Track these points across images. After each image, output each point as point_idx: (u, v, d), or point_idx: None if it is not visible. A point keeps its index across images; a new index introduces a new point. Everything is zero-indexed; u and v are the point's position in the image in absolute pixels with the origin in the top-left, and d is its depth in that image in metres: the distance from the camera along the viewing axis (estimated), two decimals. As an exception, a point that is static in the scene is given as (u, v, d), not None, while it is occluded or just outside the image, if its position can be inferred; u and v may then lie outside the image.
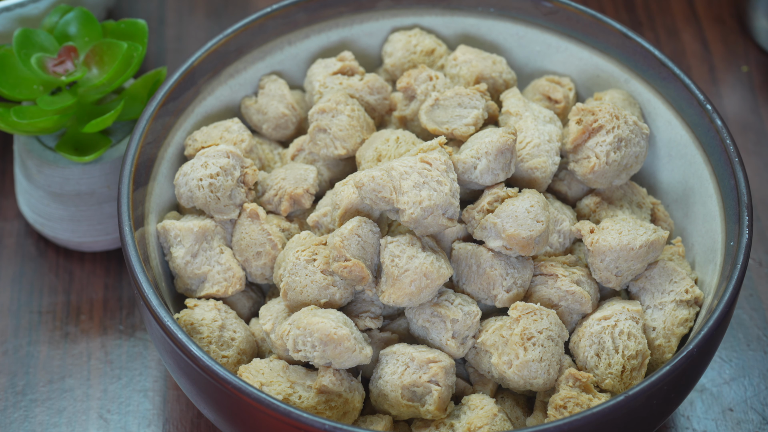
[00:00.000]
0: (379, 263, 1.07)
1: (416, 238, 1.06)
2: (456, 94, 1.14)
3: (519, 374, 1.04)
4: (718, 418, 1.20)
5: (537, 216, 1.06)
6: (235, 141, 1.17)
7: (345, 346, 1.03)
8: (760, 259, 1.31)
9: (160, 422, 1.20)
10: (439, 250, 1.07)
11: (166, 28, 1.49)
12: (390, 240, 1.06)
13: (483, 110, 1.13)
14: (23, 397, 1.22)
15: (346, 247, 1.05)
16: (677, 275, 1.11)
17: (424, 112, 1.14)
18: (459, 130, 1.12)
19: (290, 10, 1.23)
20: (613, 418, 0.99)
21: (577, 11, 1.22)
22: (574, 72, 1.24)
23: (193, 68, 1.19)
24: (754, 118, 1.42)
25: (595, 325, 1.08)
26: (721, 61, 1.47)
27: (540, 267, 1.10)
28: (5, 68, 1.23)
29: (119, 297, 1.28)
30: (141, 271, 1.06)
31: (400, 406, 1.06)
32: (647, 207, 1.18)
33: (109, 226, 1.28)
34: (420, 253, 1.05)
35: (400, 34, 1.25)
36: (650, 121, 1.21)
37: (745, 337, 1.25)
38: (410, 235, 1.06)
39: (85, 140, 1.24)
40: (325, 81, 1.20)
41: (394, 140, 1.13)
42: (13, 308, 1.27)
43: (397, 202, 1.05)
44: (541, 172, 1.13)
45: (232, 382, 0.99)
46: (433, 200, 1.04)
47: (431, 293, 1.05)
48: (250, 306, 1.15)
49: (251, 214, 1.13)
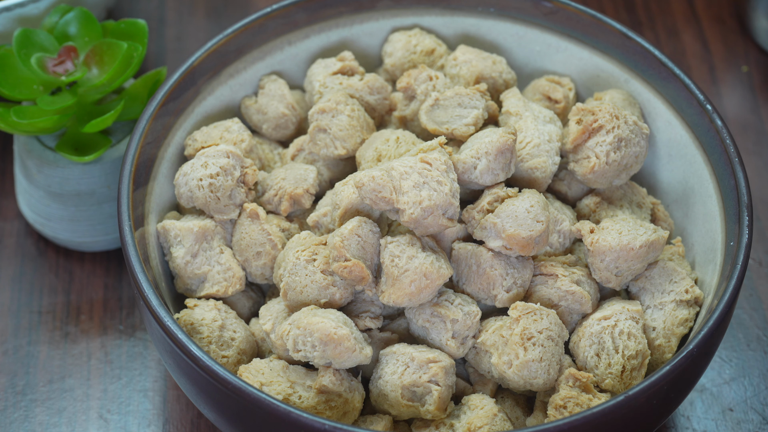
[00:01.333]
0: (379, 263, 1.07)
1: (416, 239, 1.06)
2: (456, 94, 1.14)
3: (519, 374, 1.04)
4: (718, 418, 1.20)
5: (537, 216, 1.06)
6: (235, 141, 1.17)
7: (345, 346, 1.03)
8: (760, 259, 1.31)
9: (160, 422, 1.20)
10: (439, 250, 1.07)
11: (166, 28, 1.49)
12: (390, 240, 1.06)
13: (483, 110, 1.13)
14: (23, 397, 1.22)
15: (346, 247, 1.05)
16: (677, 275, 1.11)
17: (424, 112, 1.14)
18: (459, 130, 1.12)
19: (290, 10, 1.23)
20: (613, 418, 0.99)
21: (577, 11, 1.22)
22: (574, 72, 1.24)
23: (193, 68, 1.19)
24: (754, 118, 1.42)
25: (595, 325, 1.08)
26: (721, 61, 1.47)
27: (540, 267, 1.10)
28: (5, 68, 1.23)
29: (119, 297, 1.28)
30: (141, 271, 1.06)
31: (400, 406, 1.06)
32: (647, 207, 1.18)
33: (109, 226, 1.28)
34: (420, 254, 1.05)
35: (400, 34, 1.25)
36: (650, 121, 1.21)
37: (745, 337, 1.25)
38: (410, 235, 1.06)
39: (85, 140, 1.24)
40: (325, 81, 1.20)
41: (394, 140, 1.13)
42: (13, 308, 1.27)
43: (397, 202, 1.04)
44: (541, 172, 1.13)
45: (232, 382, 0.99)
46: (433, 200, 1.04)
47: (431, 293, 1.05)
48: (250, 306, 1.15)
49: (251, 214, 1.13)
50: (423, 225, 1.05)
